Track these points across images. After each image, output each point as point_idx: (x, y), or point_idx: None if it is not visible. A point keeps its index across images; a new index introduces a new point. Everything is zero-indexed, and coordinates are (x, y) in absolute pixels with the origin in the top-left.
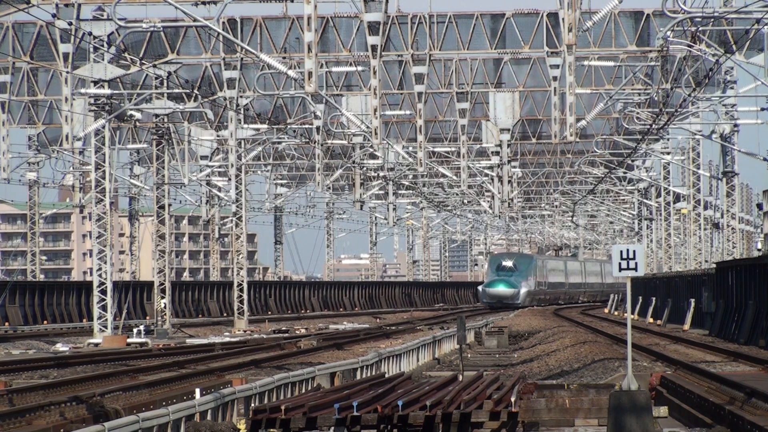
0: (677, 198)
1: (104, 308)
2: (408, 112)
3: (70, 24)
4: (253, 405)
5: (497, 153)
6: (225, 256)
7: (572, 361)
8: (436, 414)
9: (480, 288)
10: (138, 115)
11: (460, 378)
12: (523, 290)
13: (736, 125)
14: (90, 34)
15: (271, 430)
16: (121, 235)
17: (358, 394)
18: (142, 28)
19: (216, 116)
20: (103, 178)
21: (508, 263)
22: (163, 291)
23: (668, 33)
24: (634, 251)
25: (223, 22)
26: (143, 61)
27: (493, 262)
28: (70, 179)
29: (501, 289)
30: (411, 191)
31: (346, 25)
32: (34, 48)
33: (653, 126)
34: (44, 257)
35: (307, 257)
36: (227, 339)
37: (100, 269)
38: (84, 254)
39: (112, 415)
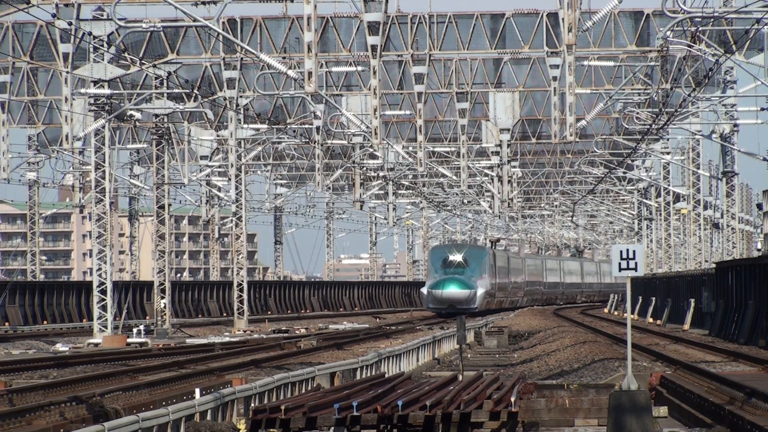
0: (677, 198)
1: (104, 308)
2: (408, 112)
3: (70, 24)
4: (253, 405)
5: (497, 153)
6: (225, 256)
7: (572, 361)
8: (436, 414)
9: (424, 290)
10: (138, 115)
11: (460, 378)
12: (480, 291)
13: (736, 125)
14: (90, 34)
15: (271, 430)
16: (121, 235)
17: (358, 394)
18: (142, 28)
19: (216, 116)
20: (103, 178)
21: (457, 257)
22: (163, 291)
23: (668, 33)
24: (633, 251)
25: (223, 22)
26: (143, 61)
27: (436, 256)
28: (70, 179)
29: (452, 290)
30: (411, 191)
31: (346, 25)
32: (34, 48)
33: (653, 126)
34: (44, 257)
35: (307, 257)
36: (227, 339)
37: (100, 269)
38: (84, 254)
39: (112, 415)
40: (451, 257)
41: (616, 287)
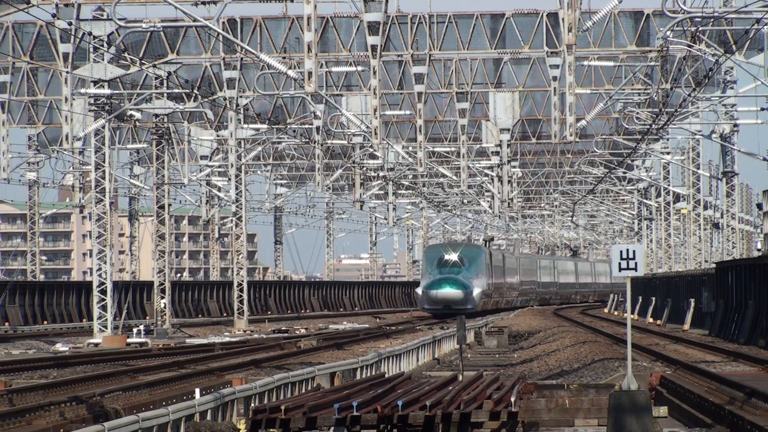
0: (677, 198)
1: (104, 308)
2: (408, 112)
3: (70, 24)
4: (253, 405)
5: (497, 153)
6: (225, 256)
7: (572, 361)
8: (436, 414)
9: (419, 290)
10: (138, 115)
11: (460, 378)
12: (476, 291)
13: (736, 125)
14: (90, 34)
15: (271, 430)
16: (121, 235)
17: (358, 394)
18: (142, 28)
19: (216, 116)
20: (103, 178)
21: (453, 257)
22: (163, 291)
23: (668, 33)
24: (633, 251)
25: (223, 22)
26: (143, 61)
27: (431, 255)
28: (70, 179)
29: (448, 290)
30: (411, 191)
31: (346, 25)
32: (34, 48)
33: (653, 126)
34: (44, 257)
35: (307, 257)
36: (227, 339)
37: (100, 269)
38: (84, 254)
39: (112, 415)
40: (447, 256)
41: (612, 287)
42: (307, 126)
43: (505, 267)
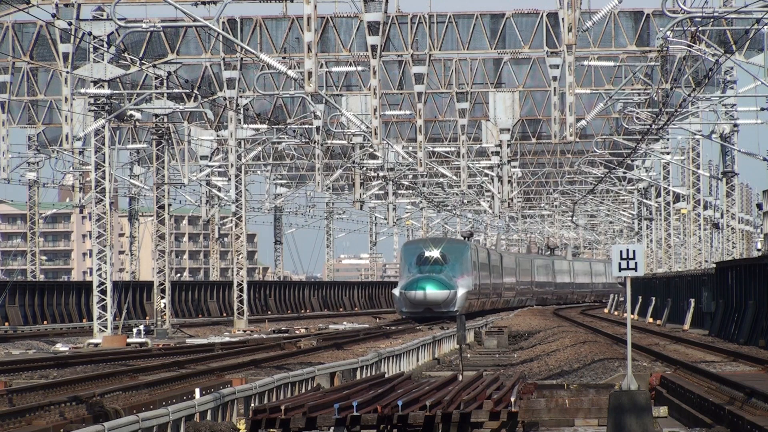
0: (677, 198)
1: (104, 308)
2: (408, 112)
3: (70, 24)
4: (252, 405)
5: (497, 153)
6: (225, 256)
7: (572, 361)
8: (436, 414)
9: (396, 291)
10: (138, 115)
11: (460, 378)
12: (461, 291)
13: (735, 125)
14: (90, 34)
15: (271, 430)
16: (121, 235)
17: (358, 394)
18: (142, 28)
19: (216, 116)
20: (103, 178)
21: (434, 253)
22: (162, 291)
23: (668, 33)
24: (633, 251)
25: (223, 22)
26: (143, 61)
27: (410, 252)
28: (70, 179)
29: (429, 291)
30: (411, 191)
31: (346, 25)
32: (34, 48)
33: (653, 126)
34: (44, 257)
35: (307, 257)
36: (227, 339)
37: (100, 269)
38: (84, 254)
39: (112, 415)
40: (428, 253)
41: (595, 287)
42: (307, 126)
43: (491, 264)
